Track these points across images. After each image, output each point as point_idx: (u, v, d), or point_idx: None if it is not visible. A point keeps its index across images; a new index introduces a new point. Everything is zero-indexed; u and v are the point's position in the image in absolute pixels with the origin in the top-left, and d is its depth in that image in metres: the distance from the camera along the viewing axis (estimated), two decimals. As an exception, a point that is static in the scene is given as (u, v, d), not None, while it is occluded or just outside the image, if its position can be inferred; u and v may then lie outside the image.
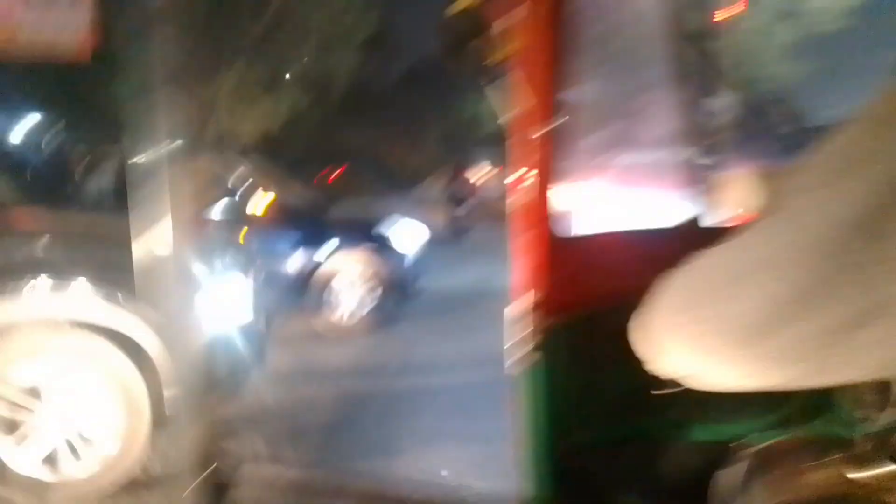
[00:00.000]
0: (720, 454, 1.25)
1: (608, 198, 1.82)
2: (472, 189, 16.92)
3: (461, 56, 1.54)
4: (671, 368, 0.69)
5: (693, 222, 1.83)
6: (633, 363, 0.74)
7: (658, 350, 0.70)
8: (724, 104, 1.87)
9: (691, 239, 1.77)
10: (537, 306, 1.54)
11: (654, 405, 1.46)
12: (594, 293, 1.65)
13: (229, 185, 6.89)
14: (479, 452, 3.62)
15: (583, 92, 1.62)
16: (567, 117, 1.53)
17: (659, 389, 1.37)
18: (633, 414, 1.58)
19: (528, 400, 1.54)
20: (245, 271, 4.25)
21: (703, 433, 1.55)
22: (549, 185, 1.56)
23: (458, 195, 15.64)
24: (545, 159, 1.53)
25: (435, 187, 16.48)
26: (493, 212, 19.80)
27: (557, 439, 1.56)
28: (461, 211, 15.29)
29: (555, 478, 1.55)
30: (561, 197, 1.58)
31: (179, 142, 1.90)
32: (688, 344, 0.67)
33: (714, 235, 0.67)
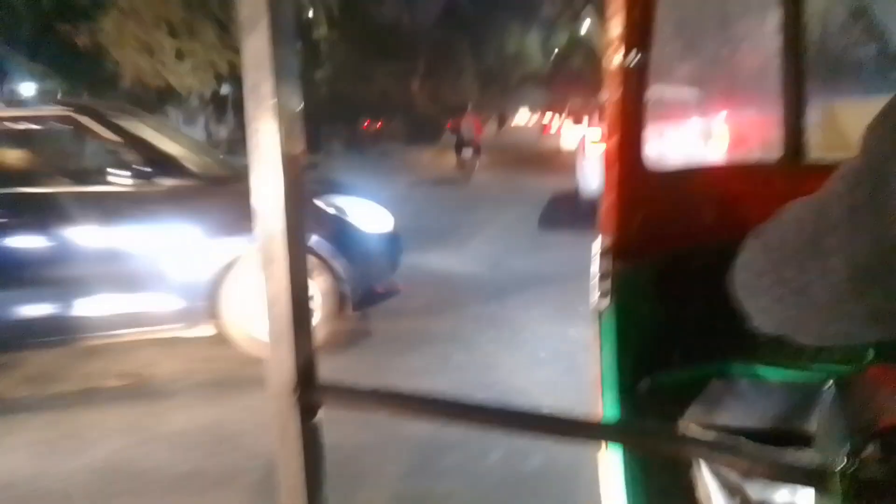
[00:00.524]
0: (799, 393, 1.23)
1: (698, 132, 1.76)
2: (477, 134, 17.80)
3: None
4: (760, 326, 0.69)
5: (785, 158, 1.78)
6: (715, 303, 0.73)
7: (746, 308, 0.70)
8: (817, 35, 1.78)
9: (783, 176, 1.74)
10: (621, 243, 1.51)
11: (734, 346, 1.44)
12: (682, 229, 1.62)
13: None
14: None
15: (677, 21, 1.55)
16: (659, 47, 1.48)
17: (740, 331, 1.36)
18: (713, 354, 1.57)
19: (607, 338, 1.54)
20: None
21: (782, 374, 1.53)
22: (637, 118, 1.52)
23: (465, 139, 16.73)
24: (635, 91, 1.48)
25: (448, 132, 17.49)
26: (505, 157, 20.16)
27: (633, 379, 1.55)
28: (466, 154, 16.60)
29: (629, 417, 1.55)
30: (650, 130, 1.53)
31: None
32: (773, 307, 0.67)
33: (807, 173, 0.63)
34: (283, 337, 0.74)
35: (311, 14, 21.02)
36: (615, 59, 1.42)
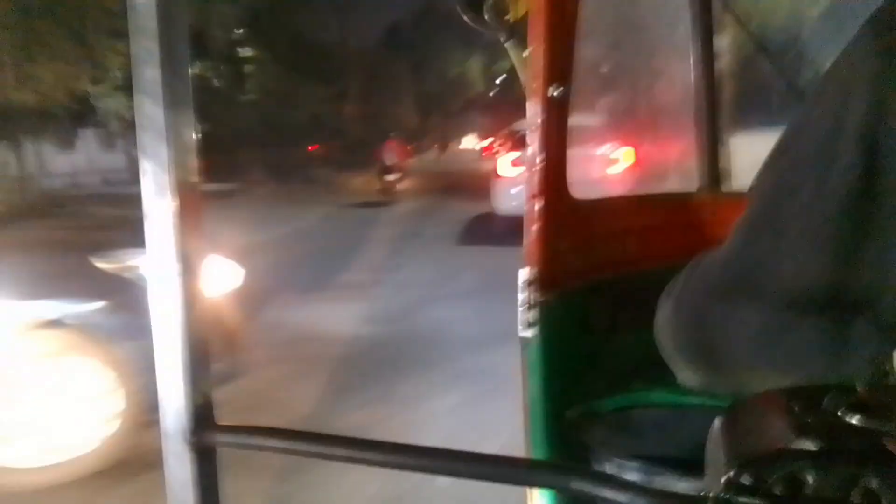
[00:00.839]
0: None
1: (617, 162, 1.79)
2: (403, 160, 19.18)
3: (479, 9, 1.49)
4: (686, 380, 0.73)
5: (704, 188, 1.82)
6: (638, 330, 0.75)
7: (673, 363, 0.73)
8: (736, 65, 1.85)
9: (702, 205, 1.78)
10: (545, 272, 1.52)
11: (657, 373, 1.45)
12: (606, 258, 1.64)
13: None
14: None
15: (598, 53, 1.58)
16: (579, 79, 1.50)
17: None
18: (635, 382, 1.58)
19: (534, 368, 1.53)
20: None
21: (702, 400, 1.55)
22: (559, 148, 1.53)
23: (386, 164, 18.01)
24: (557, 121, 1.50)
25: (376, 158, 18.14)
26: (436, 181, 20.35)
27: (560, 408, 1.55)
28: (389, 178, 17.76)
29: (557, 447, 1.55)
30: (573, 160, 1.55)
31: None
32: (695, 375, 0.71)
33: (723, 202, 0.67)
34: (176, 372, 0.69)
35: (239, 32, 20.55)
36: (536, 89, 1.43)
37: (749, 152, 1.81)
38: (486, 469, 0.60)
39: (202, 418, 0.70)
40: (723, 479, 0.52)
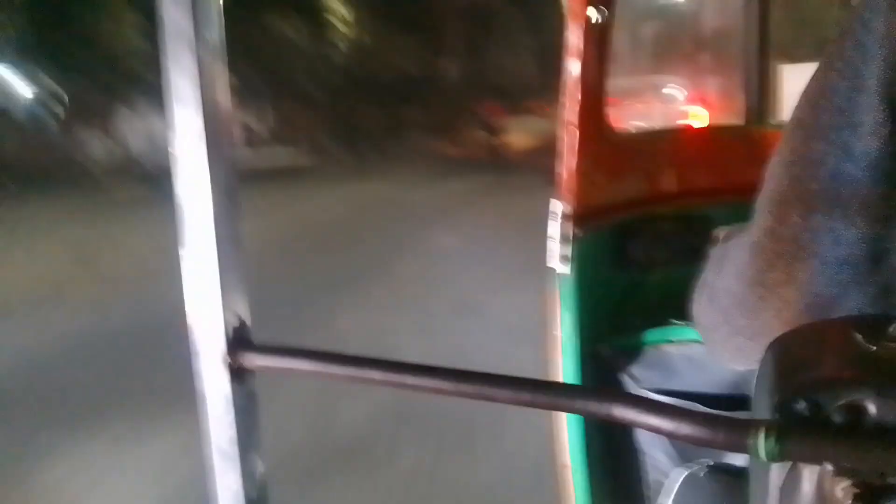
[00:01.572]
0: None
1: (656, 97, 1.73)
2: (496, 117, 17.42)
3: None
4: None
5: (747, 122, 1.76)
6: (671, 268, 0.76)
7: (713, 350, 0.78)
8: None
9: (744, 139, 1.72)
10: (581, 207, 1.49)
11: (676, 314, 1.44)
12: (643, 193, 1.60)
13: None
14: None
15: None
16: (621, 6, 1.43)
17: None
18: (670, 317, 1.56)
19: (566, 302, 1.52)
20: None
21: None
22: (597, 80, 1.48)
23: (484, 124, 16.81)
24: (598, 48, 1.44)
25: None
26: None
27: (593, 343, 1.54)
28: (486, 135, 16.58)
29: (589, 382, 1.55)
30: (612, 93, 1.49)
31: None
32: (736, 356, 0.72)
33: (769, 136, 0.65)
34: (209, 289, 0.68)
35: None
36: (576, 11, 1.37)
37: (798, 86, 1.73)
38: (526, 394, 0.58)
39: (240, 339, 0.69)
40: (774, 403, 0.51)
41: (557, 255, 1.50)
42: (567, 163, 1.46)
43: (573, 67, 1.40)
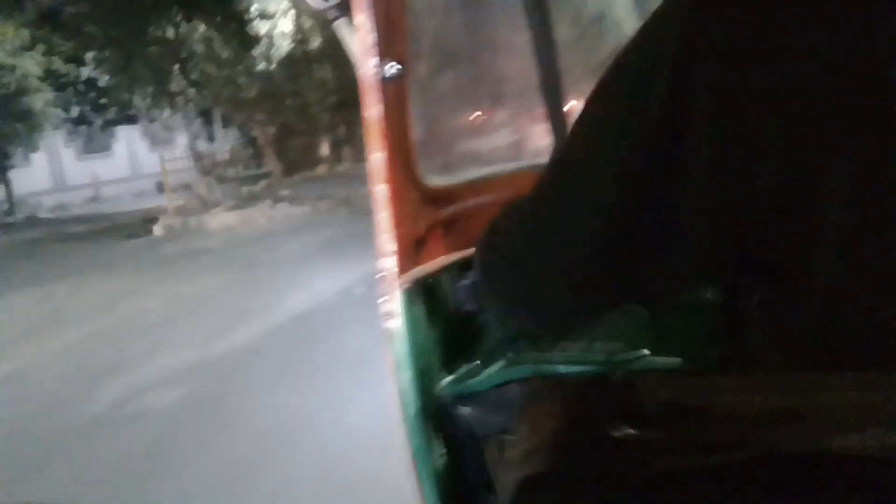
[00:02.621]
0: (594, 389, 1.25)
1: (465, 142, 1.77)
2: None
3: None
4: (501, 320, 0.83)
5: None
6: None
7: (489, 302, 0.79)
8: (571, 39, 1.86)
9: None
10: (401, 260, 1.47)
11: (526, 346, 1.45)
12: (460, 239, 1.61)
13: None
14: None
15: (436, 29, 1.54)
16: (417, 57, 1.45)
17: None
18: (506, 356, 1.57)
19: (400, 358, 1.49)
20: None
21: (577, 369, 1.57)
22: (401, 132, 1.48)
23: None
24: (396, 102, 1.44)
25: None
26: None
27: (434, 392, 1.52)
28: None
29: (435, 431, 1.52)
30: (419, 143, 1.50)
31: None
32: (511, 299, 0.73)
33: None
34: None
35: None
36: (367, 69, 1.37)
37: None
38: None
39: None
40: None
41: (387, 311, 1.47)
42: (381, 220, 1.44)
43: (372, 126, 1.39)
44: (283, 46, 21.37)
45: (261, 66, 20.72)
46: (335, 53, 20.21)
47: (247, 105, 20.60)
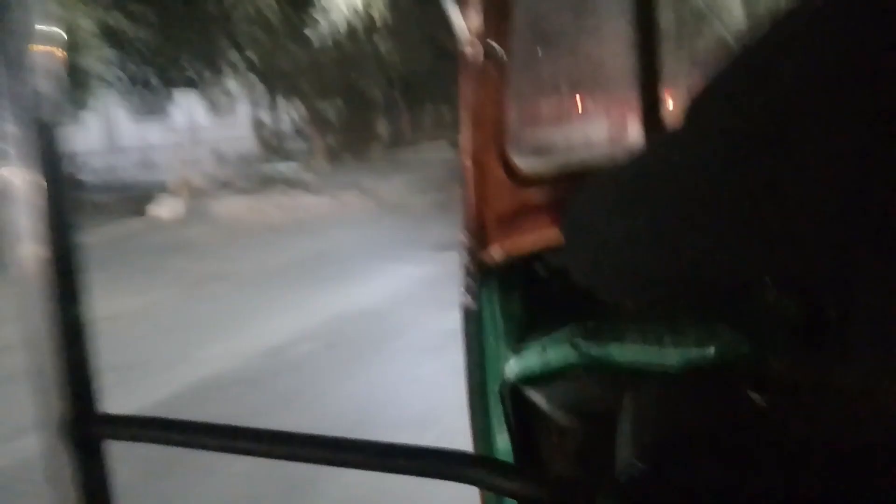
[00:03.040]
0: (651, 381, 1.23)
1: (558, 132, 1.75)
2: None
3: None
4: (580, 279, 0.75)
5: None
6: (574, 298, 0.78)
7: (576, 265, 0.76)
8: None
9: None
10: (487, 242, 1.48)
11: (593, 336, 1.45)
12: (544, 227, 1.61)
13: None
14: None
15: (533, 25, 1.52)
16: (516, 49, 1.44)
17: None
18: (579, 346, 1.57)
19: (475, 335, 1.51)
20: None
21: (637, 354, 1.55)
22: (498, 117, 1.48)
23: None
24: (495, 84, 1.44)
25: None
26: None
27: (505, 373, 1.53)
28: None
29: (502, 412, 1.53)
30: (512, 129, 1.50)
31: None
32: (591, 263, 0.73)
33: None
34: (51, 357, 0.62)
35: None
36: (471, 50, 1.37)
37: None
38: (376, 459, 0.56)
39: (83, 408, 0.64)
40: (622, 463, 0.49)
41: (465, 289, 1.49)
42: (469, 199, 1.45)
43: (471, 105, 1.40)
44: (339, 13, 19.47)
45: (315, 33, 19.50)
46: (400, 28, 19.20)
47: (295, 75, 19.02)
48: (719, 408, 0.50)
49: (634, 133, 1.88)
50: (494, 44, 1.37)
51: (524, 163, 1.60)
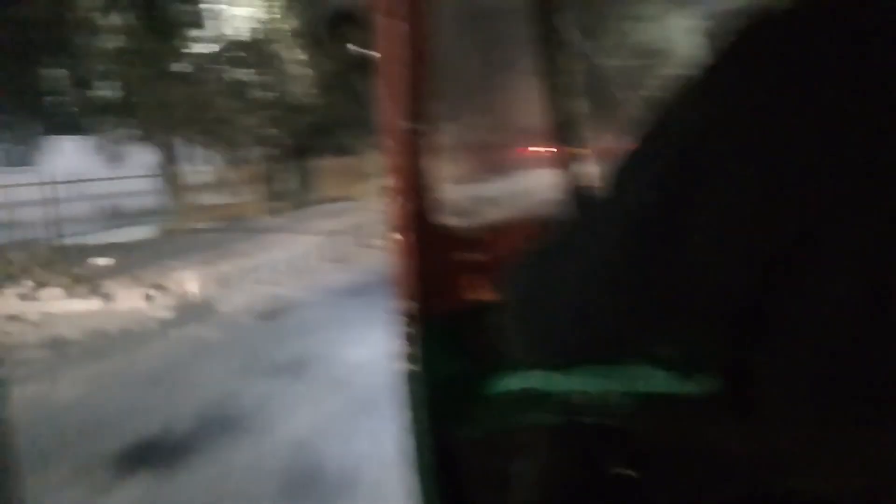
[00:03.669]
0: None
1: (482, 184, 1.80)
2: None
3: (336, 37, 1.45)
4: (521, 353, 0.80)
5: (569, 206, 1.86)
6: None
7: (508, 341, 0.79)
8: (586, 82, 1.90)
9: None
10: (414, 301, 1.50)
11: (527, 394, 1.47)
12: (478, 283, 1.64)
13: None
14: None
15: (450, 74, 1.58)
16: (436, 106, 1.49)
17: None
18: (519, 403, 1.59)
19: (408, 397, 1.52)
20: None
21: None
22: (422, 178, 1.52)
23: None
24: (418, 151, 1.49)
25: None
26: None
27: (436, 435, 1.54)
28: None
29: (435, 472, 1.53)
30: (434, 188, 1.54)
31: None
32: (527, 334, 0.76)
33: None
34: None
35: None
36: (388, 123, 1.41)
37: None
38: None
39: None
40: None
41: (405, 350, 1.50)
42: (400, 262, 1.48)
43: (395, 173, 1.43)
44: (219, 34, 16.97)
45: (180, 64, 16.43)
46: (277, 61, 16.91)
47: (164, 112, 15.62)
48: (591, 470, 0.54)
49: (559, 186, 1.94)
50: (414, 120, 1.42)
51: (455, 222, 1.64)
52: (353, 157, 19.43)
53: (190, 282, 9.38)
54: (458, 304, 1.57)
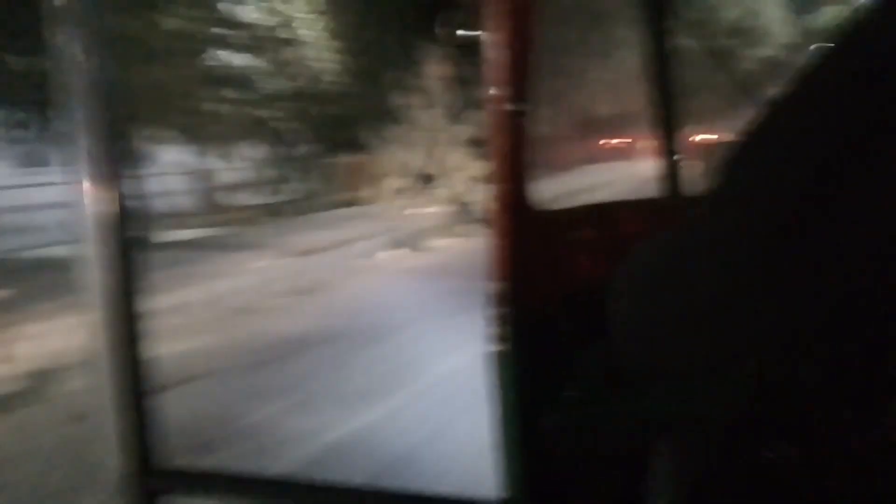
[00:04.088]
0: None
1: (586, 171, 1.79)
2: None
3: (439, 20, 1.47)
4: (634, 351, 0.71)
5: (674, 193, 1.82)
6: (606, 346, 0.76)
7: (622, 334, 0.71)
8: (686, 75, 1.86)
9: (665, 211, 1.77)
10: (513, 286, 1.50)
11: (628, 387, 1.44)
12: (570, 269, 1.62)
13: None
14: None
15: (556, 64, 1.57)
16: (539, 91, 1.49)
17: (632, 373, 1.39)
18: (609, 394, 1.57)
19: (504, 383, 1.51)
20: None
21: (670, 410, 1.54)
22: (521, 160, 1.52)
23: None
24: (517, 134, 1.48)
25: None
26: None
27: (533, 421, 1.53)
28: None
29: (530, 460, 1.53)
30: (537, 173, 1.53)
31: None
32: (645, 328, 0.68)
33: (685, 206, 0.65)
34: (113, 411, 0.65)
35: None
36: (493, 103, 1.41)
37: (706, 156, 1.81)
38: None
39: (144, 462, 0.66)
40: None
41: (497, 337, 1.50)
42: (496, 242, 1.48)
43: (493, 154, 1.44)
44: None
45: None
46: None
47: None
48: (747, 460, 0.51)
49: (655, 170, 1.90)
50: (515, 100, 1.42)
51: (552, 204, 1.63)
52: (367, 154, 16.49)
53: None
54: (553, 287, 1.56)
